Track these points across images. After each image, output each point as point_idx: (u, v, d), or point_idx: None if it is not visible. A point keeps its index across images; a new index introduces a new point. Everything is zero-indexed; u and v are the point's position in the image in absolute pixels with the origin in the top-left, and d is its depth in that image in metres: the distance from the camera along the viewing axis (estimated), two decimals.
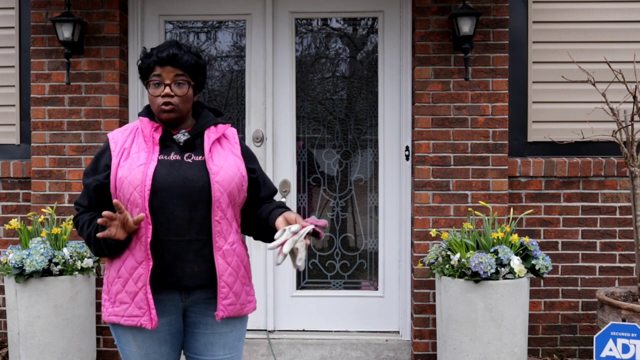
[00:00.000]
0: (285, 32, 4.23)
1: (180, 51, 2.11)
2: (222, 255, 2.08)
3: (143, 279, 2.04)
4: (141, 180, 2.03)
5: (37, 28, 4.06)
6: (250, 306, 2.20)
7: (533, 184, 4.09)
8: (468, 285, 3.39)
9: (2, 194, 4.25)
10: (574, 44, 4.11)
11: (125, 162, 2.09)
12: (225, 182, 2.07)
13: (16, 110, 4.27)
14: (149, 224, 2.03)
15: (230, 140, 2.21)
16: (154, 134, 2.13)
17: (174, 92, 2.10)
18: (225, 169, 2.09)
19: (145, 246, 2.03)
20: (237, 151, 2.19)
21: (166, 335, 2.15)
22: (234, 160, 2.15)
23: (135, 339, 2.13)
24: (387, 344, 4.14)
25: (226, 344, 2.18)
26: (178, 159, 2.10)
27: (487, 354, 3.38)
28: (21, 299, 3.58)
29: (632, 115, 3.53)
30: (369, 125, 4.28)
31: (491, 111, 3.95)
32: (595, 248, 4.10)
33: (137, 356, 2.15)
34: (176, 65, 2.10)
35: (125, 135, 2.17)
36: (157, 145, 2.11)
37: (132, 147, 2.12)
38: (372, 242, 4.31)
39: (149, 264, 2.03)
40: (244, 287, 2.16)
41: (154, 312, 2.05)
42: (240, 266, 2.14)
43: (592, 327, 4.06)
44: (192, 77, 2.15)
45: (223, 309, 2.09)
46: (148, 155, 2.09)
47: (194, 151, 2.13)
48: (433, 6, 3.95)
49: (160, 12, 4.26)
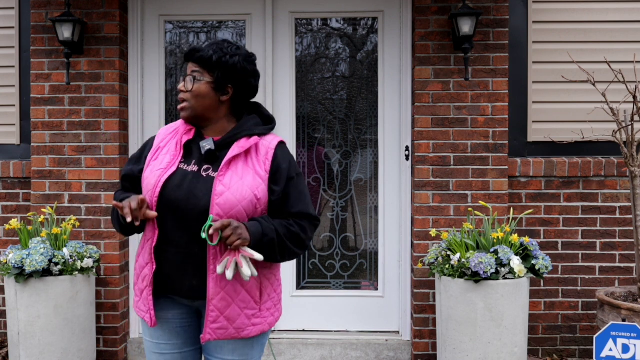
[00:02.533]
0: (285, 32, 4.23)
1: (207, 48, 2.05)
2: (214, 279, 1.99)
3: (147, 280, 2.06)
4: (153, 186, 2.02)
5: (37, 28, 4.06)
6: (254, 329, 2.07)
7: (533, 184, 4.09)
8: (468, 285, 3.39)
9: (2, 194, 4.25)
10: (574, 44, 4.11)
11: (153, 162, 2.09)
12: (228, 204, 1.95)
13: (16, 110, 4.27)
14: (155, 228, 2.03)
15: (260, 156, 2.05)
16: (183, 137, 2.10)
17: (186, 87, 2.06)
18: (234, 191, 1.97)
19: (150, 249, 2.05)
20: (263, 169, 2.03)
21: (177, 328, 2.16)
22: (252, 180, 2.00)
23: (149, 329, 2.17)
24: (387, 344, 4.14)
25: (235, 350, 2.11)
26: (194, 171, 2.04)
27: (487, 354, 3.38)
28: (21, 299, 3.58)
29: (632, 115, 3.53)
30: (369, 125, 4.28)
31: (491, 111, 3.95)
32: (595, 248, 4.10)
33: (150, 345, 2.20)
34: (193, 60, 2.07)
35: (168, 133, 2.15)
36: (182, 150, 2.07)
37: (164, 148, 2.11)
38: (372, 242, 4.31)
39: (152, 268, 2.05)
40: (243, 311, 2.04)
41: (153, 312, 2.08)
42: (239, 291, 2.02)
43: (592, 327, 4.06)
44: (212, 73, 2.04)
45: (210, 333, 2.03)
46: (171, 160, 2.06)
47: (214, 163, 2.04)
48: (433, 6, 3.96)
49: (160, 12, 4.26)
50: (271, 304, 2.13)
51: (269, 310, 2.12)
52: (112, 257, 4.04)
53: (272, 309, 2.14)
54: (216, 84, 2.06)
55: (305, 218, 2.10)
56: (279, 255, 2.06)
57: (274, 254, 2.04)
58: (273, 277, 2.14)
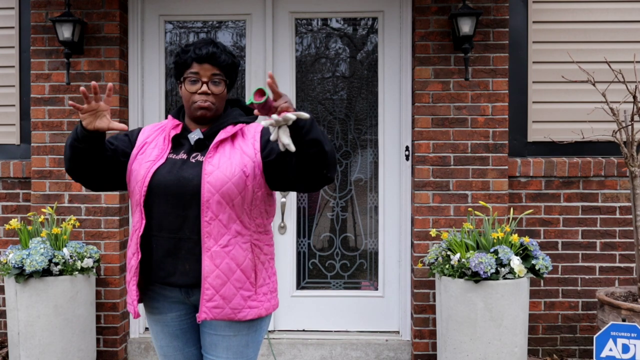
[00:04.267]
0: (285, 32, 4.23)
1: (218, 50, 2.13)
2: (209, 257, 2.05)
3: (133, 271, 2.13)
4: (143, 176, 2.10)
5: (37, 28, 4.06)
6: (250, 312, 2.11)
7: (533, 184, 4.09)
8: (468, 285, 3.39)
9: (2, 194, 4.25)
10: (574, 44, 4.11)
11: (141, 156, 2.16)
12: (218, 182, 2.03)
13: (16, 110, 4.26)
14: (142, 219, 2.09)
15: (246, 138, 2.14)
16: (170, 132, 2.17)
17: (211, 91, 2.13)
18: (222, 169, 2.05)
19: (137, 239, 2.11)
20: (251, 147, 2.10)
21: (177, 331, 2.22)
22: (240, 159, 2.07)
23: (153, 331, 2.25)
24: (387, 344, 4.14)
25: (230, 347, 2.14)
26: (183, 158, 2.12)
27: (487, 354, 3.38)
28: (21, 299, 3.58)
29: (632, 115, 3.54)
30: (369, 125, 4.28)
31: (491, 111, 3.95)
32: (595, 248, 4.10)
33: (156, 347, 2.28)
34: (214, 64, 2.12)
35: (154, 131, 2.24)
36: (170, 144, 2.16)
37: (152, 143, 2.18)
38: (372, 242, 4.31)
39: (138, 257, 2.11)
40: (238, 291, 2.08)
41: (136, 303, 2.14)
42: (234, 269, 2.07)
43: (592, 327, 4.06)
44: (227, 76, 2.17)
45: (206, 311, 2.06)
46: (159, 153, 2.14)
47: (202, 151, 2.12)
48: (433, 6, 3.95)
49: (160, 12, 4.26)
50: (267, 290, 2.17)
51: (265, 295, 2.16)
52: (112, 257, 4.04)
53: (268, 294, 2.17)
54: (229, 85, 2.20)
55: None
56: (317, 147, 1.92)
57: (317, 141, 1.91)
58: (267, 263, 2.18)
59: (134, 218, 2.14)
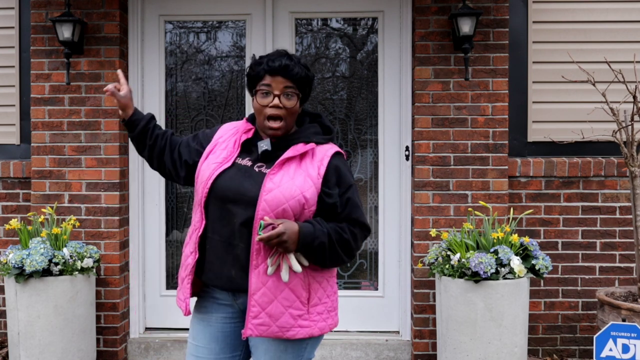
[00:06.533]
0: (285, 32, 4.23)
1: (292, 62, 2.09)
2: (256, 274, 2.02)
3: (189, 269, 2.12)
4: (207, 178, 2.09)
5: (37, 28, 4.06)
6: (301, 331, 2.06)
7: (533, 184, 4.10)
8: (468, 285, 3.39)
9: (2, 194, 4.25)
10: (574, 44, 4.11)
11: (211, 155, 2.15)
12: (275, 201, 1.99)
13: (16, 110, 4.26)
14: (203, 219, 2.10)
15: (314, 160, 2.09)
16: (242, 136, 2.16)
17: (283, 104, 2.07)
18: (283, 189, 2.00)
19: (196, 239, 2.11)
20: (316, 172, 2.06)
21: (218, 333, 2.18)
22: (302, 181, 2.03)
23: (194, 330, 2.21)
24: (387, 344, 4.14)
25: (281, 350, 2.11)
26: (248, 166, 2.10)
27: (487, 354, 3.38)
28: (21, 299, 3.58)
29: (632, 115, 3.54)
30: (369, 125, 4.28)
31: (491, 111, 3.95)
32: (595, 248, 4.10)
33: (190, 347, 2.22)
34: (287, 77, 2.07)
35: (229, 130, 2.23)
36: (239, 148, 2.14)
37: (223, 144, 2.17)
38: (372, 242, 4.31)
39: (195, 257, 2.11)
40: (287, 310, 2.03)
41: (189, 301, 2.15)
42: (281, 288, 2.02)
43: (592, 327, 4.06)
44: (300, 89, 2.11)
45: (252, 328, 2.04)
46: (227, 155, 2.13)
47: (268, 163, 2.09)
48: (433, 6, 3.96)
49: (160, 12, 4.26)
50: (323, 309, 2.12)
51: (320, 314, 2.10)
52: (112, 257, 4.04)
53: (323, 313, 2.12)
54: (302, 99, 2.15)
55: (358, 225, 2.12)
56: (328, 260, 2.08)
57: (324, 257, 2.06)
58: (325, 282, 2.13)
59: (195, 217, 2.14)
